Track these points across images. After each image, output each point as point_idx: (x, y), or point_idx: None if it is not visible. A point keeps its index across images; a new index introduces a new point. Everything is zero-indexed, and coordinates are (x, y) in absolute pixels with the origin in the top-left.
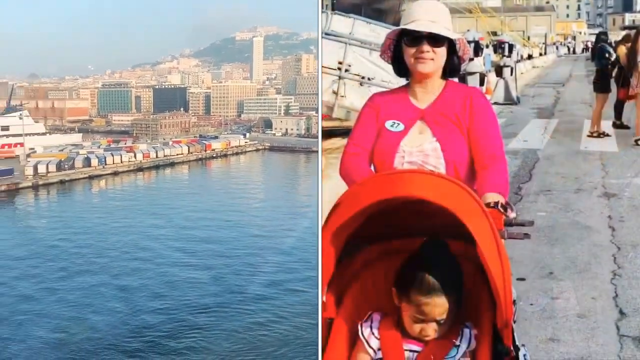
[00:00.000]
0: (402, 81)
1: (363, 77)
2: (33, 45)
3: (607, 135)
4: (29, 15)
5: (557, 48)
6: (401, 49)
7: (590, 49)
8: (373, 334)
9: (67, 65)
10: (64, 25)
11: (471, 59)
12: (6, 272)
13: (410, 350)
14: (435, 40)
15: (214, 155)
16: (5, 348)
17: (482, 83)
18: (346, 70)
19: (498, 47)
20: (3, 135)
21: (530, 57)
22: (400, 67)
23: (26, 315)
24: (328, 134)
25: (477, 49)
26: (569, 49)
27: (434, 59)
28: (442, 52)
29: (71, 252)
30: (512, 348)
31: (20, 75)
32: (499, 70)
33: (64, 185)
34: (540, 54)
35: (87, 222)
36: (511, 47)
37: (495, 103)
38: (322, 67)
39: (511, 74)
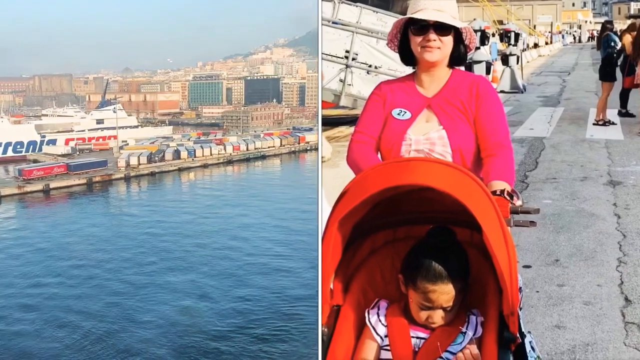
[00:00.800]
0: (409, 70)
1: (370, 66)
2: (128, 39)
3: (613, 123)
4: (124, 8)
5: (562, 37)
6: (408, 37)
7: (595, 38)
8: (380, 321)
9: (159, 58)
10: (158, 18)
11: (477, 48)
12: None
13: (417, 337)
14: (442, 29)
15: (308, 148)
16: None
17: (488, 72)
18: (353, 59)
19: (504, 36)
20: (98, 128)
21: (536, 45)
22: (407, 56)
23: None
24: (335, 122)
25: (484, 38)
26: (574, 38)
27: (441, 48)
28: (448, 40)
29: (163, 242)
30: (518, 335)
31: (115, 69)
32: (505, 59)
33: (154, 177)
34: (546, 43)
35: (176, 213)
36: (517, 35)
37: (502, 91)
38: (330, 55)
39: (517, 63)
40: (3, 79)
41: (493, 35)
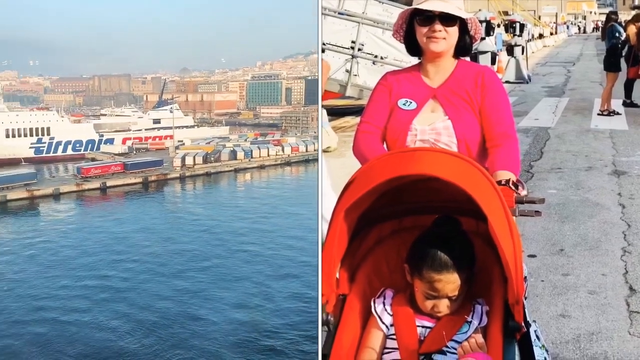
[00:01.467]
0: (415, 60)
1: (376, 56)
2: (186, 39)
3: (617, 113)
4: (182, 8)
5: (567, 27)
6: (414, 28)
7: (600, 29)
8: (386, 310)
9: (217, 58)
10: (216, 17)
11: (483, 39)
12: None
13: (423, 326)
14: (447, 19)
15: None
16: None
17: (493, 62)
18: (359, 50)
19: (509, 26)
20: (154, 128)
21: (541, 36)
22: (413, 46)
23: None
24: (341, 112)
25: (489, 29)
26: (579, 29)
27: (446, 38)
28: (454, 31)
29: (218, 241)
30: (523, 324)
31: (173, 69)
32: (510, 50)
33: (210, 177)
34: (551, 33)
35: (231, 213)
36: (522, 26)
37: (507, 82)
38: (336, 46)
39: (522, 53)
40: (64, 79)
41: (498, 25)
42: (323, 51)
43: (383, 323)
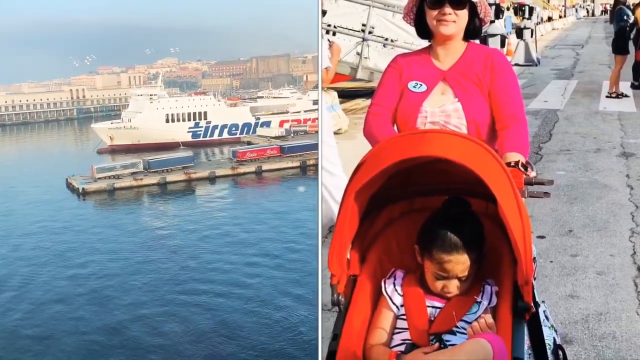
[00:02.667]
0: (425, 43)
1: (386, 39)
2: None
3: (626, 95)
4: None
5: (576, 10)
6: (424, 11)
7: (608, 12)
8: (396, 290)
9: None
10: None
11: (492, 21)
12: None
13: (433, 307)
14: (457, 3)
15: None
16: None
17: (502, 45)
18: (370, 33)
19: (518, 9)
20: (314, 109)
21: (550, 19)
22: (423, 29)
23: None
24: (352, 94)
25: (498, 12)
26: (587, 12)
27: (456, 21)
28: (463, 14)
29: None
30: (532, 304)
31: None
32: (519, 33)
33: None
34: (560, 17)
35: None
36: (531, 9)
37: (516, 64)
38: (347, 29)
39: (531, 36)
40: (222, 63)
41: (507, 9)
42: (334, 34)
43: (393, 303)
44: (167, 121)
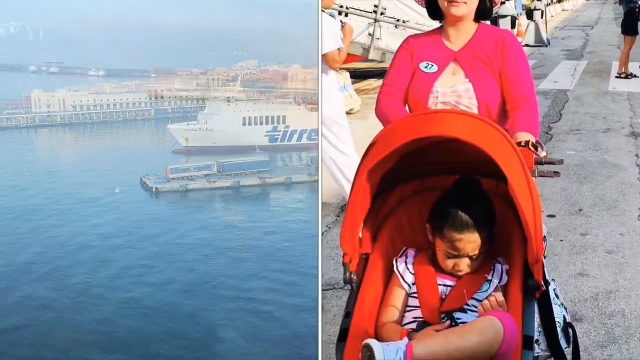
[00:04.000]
0: (436, 24)
1: (398, 20)
2: None
3: (635, 76)
4: None
5: None
6: None
7: None
8: (408, 269)
9: None
10: None
11: (503, 2)
12: None
13: (444, 285)
14: None
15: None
16: None
17: (513, 26)
18: (382, 14)
19: None
20: None
21: (560, 0)
22: (434, 10)
23: None
24: (364, 75)
25: None
26: None
27: (467, 2)
28: None
29: None
30: (542, 282)
31: None
32: (529, 13)
33: None
34: None
35: None
36: None
37: (526, 45)
38: (359, 10)
39: (541, 17)
40: (305, 67)
41: None
42: (346, 15)
43: (405, 282)
44: (244, 124)
